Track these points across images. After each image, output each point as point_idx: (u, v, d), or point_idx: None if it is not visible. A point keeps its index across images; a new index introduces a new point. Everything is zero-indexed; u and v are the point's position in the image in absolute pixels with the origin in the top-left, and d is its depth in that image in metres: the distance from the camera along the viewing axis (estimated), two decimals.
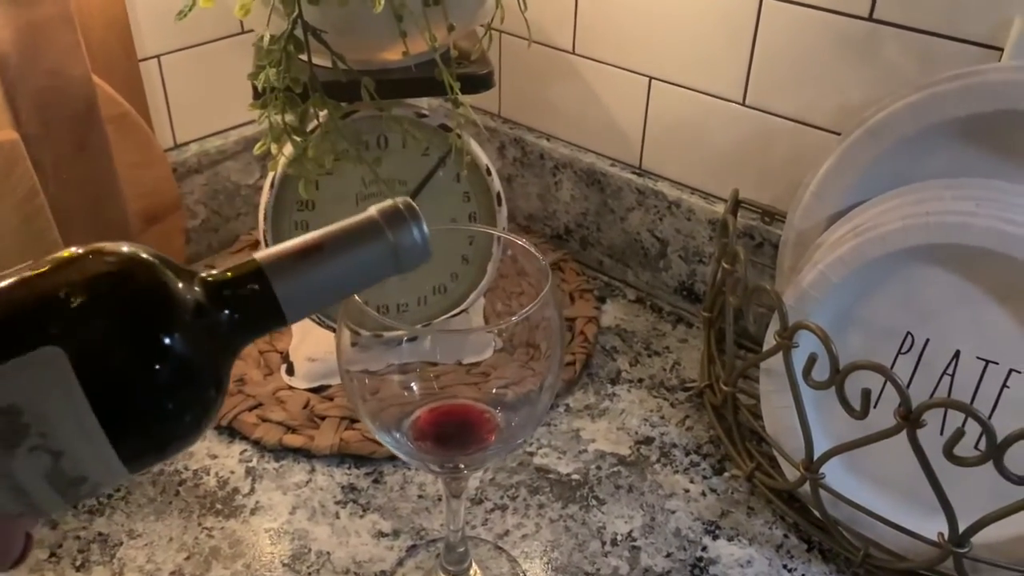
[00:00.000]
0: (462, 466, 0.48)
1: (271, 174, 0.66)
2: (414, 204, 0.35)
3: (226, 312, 0.33)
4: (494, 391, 0.50)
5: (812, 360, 0.56)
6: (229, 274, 0.34)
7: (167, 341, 0.31)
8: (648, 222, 0.82)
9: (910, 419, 0.51)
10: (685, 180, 0.80)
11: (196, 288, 0.33)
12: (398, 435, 0.48)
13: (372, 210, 0.35)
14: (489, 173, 0.69)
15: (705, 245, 0.79)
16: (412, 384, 0.50)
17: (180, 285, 0.33)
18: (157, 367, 0.31)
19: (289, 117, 0.60)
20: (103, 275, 0.31)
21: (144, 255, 0.33)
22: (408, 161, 0.68)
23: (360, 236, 0.35)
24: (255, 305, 0.34)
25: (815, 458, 0.58)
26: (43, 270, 0.31)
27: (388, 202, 0.35)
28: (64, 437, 0.30)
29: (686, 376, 0.75)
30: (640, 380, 0.74)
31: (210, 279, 0.34)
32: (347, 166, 0.66)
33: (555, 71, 0.84)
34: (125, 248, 0.32)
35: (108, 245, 0.32)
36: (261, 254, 0.34)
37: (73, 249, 0.32)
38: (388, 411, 0.49)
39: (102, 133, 0.69)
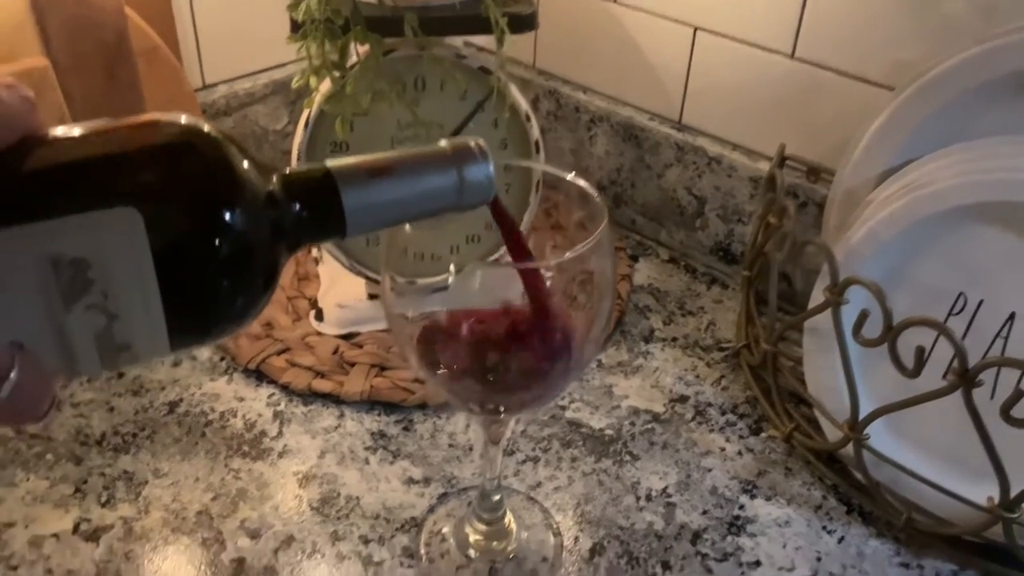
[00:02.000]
0: (502, 408, 0.47)
1: (306, 112, 0.65)
2: (485, 144, 0.36)
3: (294, 208, 0.33)
4: None
5: (863, 316, 0.54)
6: (301, 174, 0.34)
7: (236, 218, 0.31)
8: (686, 179, 0.80)
9: (967, 378, 0.50)
10: (727, 136, 0.77)
11: (270, 178, 0.33)
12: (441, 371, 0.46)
13: (443, 142, 0.36)
14: (528, 119, 0.67)
15: (745, 204, 0.77)
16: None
17: (256, 171, 0.32)
18: (223, 242, 0.30)
19: (329, 50, 0.58)
20: (188, 144, 0.31)
21: (225, 135, 0.32)
22: (445, 104, 0.66)
23: (429, 164, 0.36)
24: (321, 208, 0.34)
25: (860, 418, 0.57)
26: (128, 128, 0.30)
27: (460, 139, 0.36)
28: (124, 301, 0.29)
29: (721, 337, 0.73)
30: (674, 339, 0.73)
31: (283, 173, 0.34)
32: (383, 107, 0.64)
33: (594, 20, 0.82)
34: (207, 125, 0.32)
35: (192, 118, 0.32)
36: (332, 162, 0.34)
37: (157, 115, 0.31)
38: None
39: (132, 66, 0.68)
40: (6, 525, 0.54)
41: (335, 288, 0.74)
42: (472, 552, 0.54)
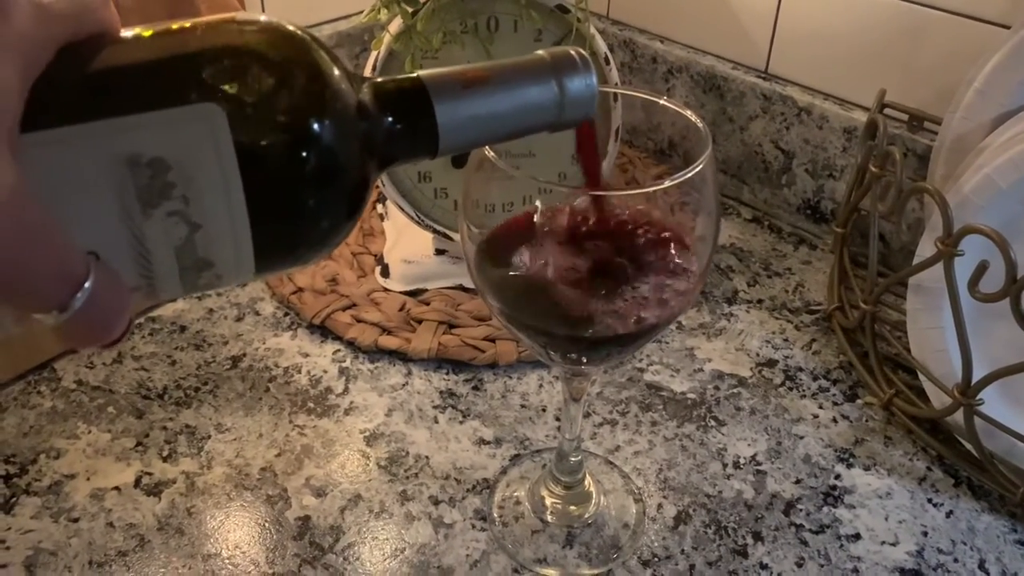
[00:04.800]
0: (584, 359, 0.43)
1: (373, 54, 0.61)
2: (587, 54, 0.33)
3: (385, 120, 0.31)
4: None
5: (982, 268, 0.49)
6: (392, 83, 0.31)
7: (326, 127, 0.28)
8: (772, 132, 0.75)
9: None
10: (818, 85, 0.72)
11: (360, 87, 0.30)
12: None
13: (542, 52, 0.33)
14: (608, 62, 0.63)
15: (837, 157, 0.71)
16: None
17: (346, 79, 0.30)
18: (312, 153, 0.28)
19: None
20: (277, 45, 0.28)
21: (312, 37, 0.30)
22: (519, 46, 0.62)
23: (528, 74, 0.33)
24: (413, 121, 0.31)
25: (972, 383, 0.52)
26: (208, 26, 0.28)
27: (560, 48, 0.33)
28: (207, 208, 0.27)
29: (811, 298, 0.69)
30: (759, 301, 0.68)
31: (374, 82, 0.31)
32: (454, 50, 0.61)
33: None
34: (298, 30, 0.29)
35: (282, 22, 0.29)
36: (425, 73, 0.31)
37: (236, 14, 0.29)
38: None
39: (195, 9, 0.65)
40: (67, 477, 0.52)
41: (401, 244, 0.71)
42: (549, 516, 0.51)
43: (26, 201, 0.23)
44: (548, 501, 0.51)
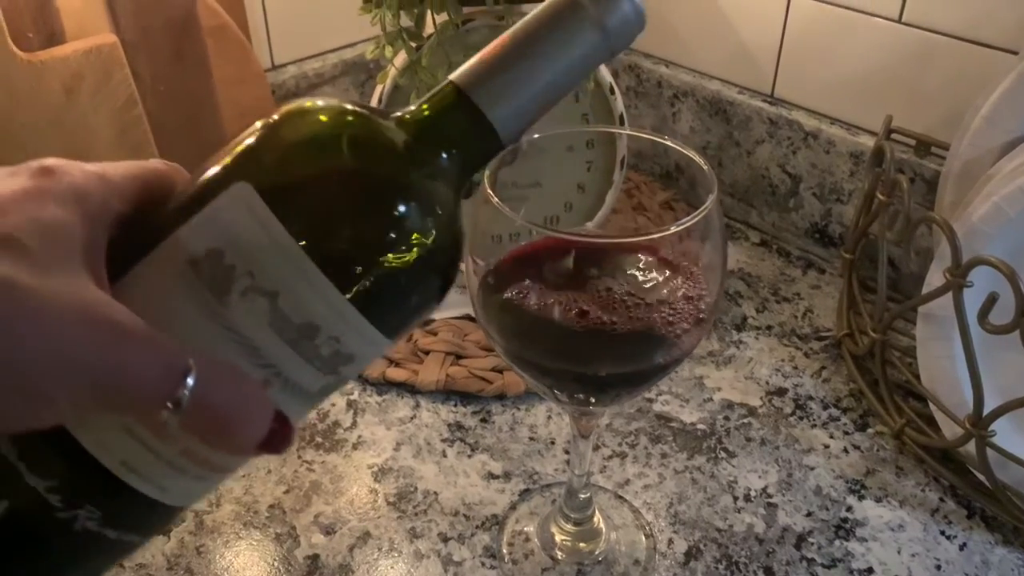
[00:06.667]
0: (592, 400, 0.43)
1: (379, 87, 0.62)
2: None
3: (442, 151, 0.30)
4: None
5: (992, 300, 0.49)
6: (428, 108, 0.30)
7: (365, 192, 0.28)
8: (779, 156, 0.75)
9: None
10: (824, 109, 0.72)
11: (400, 130, 0.29)
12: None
13: None
14: (612, 92, 0.63)
15: (844, 181, 0.71)
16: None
17: (384, 128, 0.29)
18: (362, 212, 0.28)
19: (405, 20, 0.55)
20: (298, 116, 0.29)
21: (349, 105, 0.30)
22: None
23: (557, 20, 0.30)
24: (467, 133, 0.30)
25: (984, 414, 0.51)
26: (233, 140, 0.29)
27: None
28: (271, 272, 0.27)
29: (820, 324, 0.68)
30: (769, 327, 0.68)
31: (411, 118, 0.30)
32: None
33: None
34: (332, 103, 0.30)
35: (315, 100, 0.30)
36: (456, 74, 0.30)
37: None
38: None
39: (201, 43, 0.65)
40: None
41: None
42: (558, 553, 0.51)
43: (109, 309, 0.25)
44: (558, 538, 0.51)
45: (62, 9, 0.58)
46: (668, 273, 0.41)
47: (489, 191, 0.39)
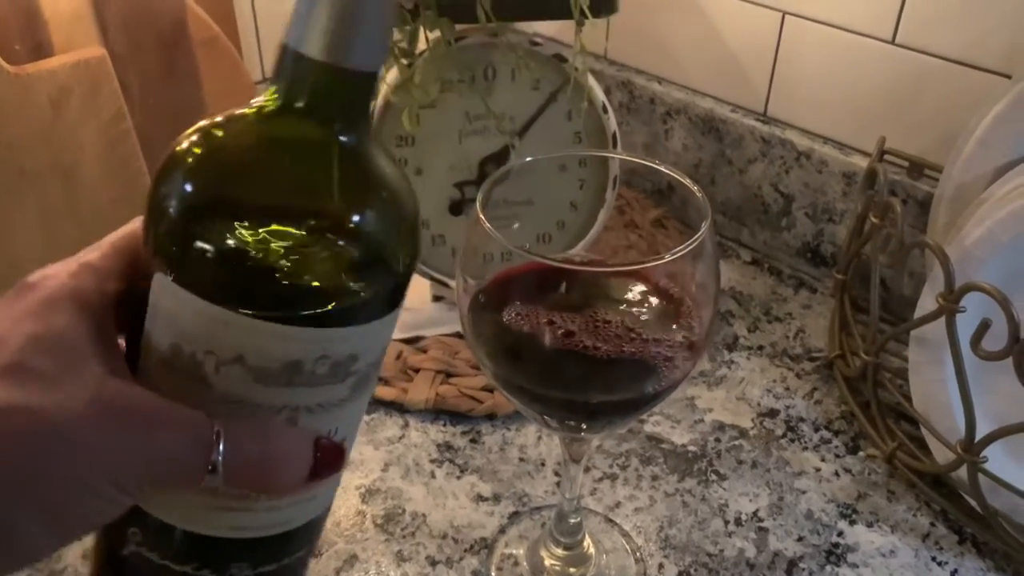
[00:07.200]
0: (583, 426, 0.43)
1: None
2: None
3: (329, 122, 0.28)
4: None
5: (984, 326, 0.49)
6: (277, 90, 0.29)
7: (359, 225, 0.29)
8: (772, 175, 0.74)
9: None
10: (817, 129, 0.72)
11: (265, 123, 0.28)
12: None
13: None
14: (605, 111, 0.63)
15: (836, 201, 0.71)
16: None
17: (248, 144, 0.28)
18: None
19: (397, 37, 0.54)
20: (169, 192, 0.28)
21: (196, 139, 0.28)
22: (516, 95, 0.62)
23: None
24: (337, 91, 0.28)
25: (976, 439, 0.51)
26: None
27: None
28: (223, 342, 0.27)
29: (811, 345, 0.68)
30: (760, 347, 0.68)
31: (271, 109, 0.28)
32: (451, 99, 0.61)
33: (672, 6, 0.77)
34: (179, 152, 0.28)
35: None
36: (285, 37, 0.28)
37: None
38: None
39: (191, 57, 0.65)
40: None
41: None
42: None
43: (130, 399, 0.26)
44: (547, 562, 0.50)
45: (50, 21, 0.57)
46: (660, 299, 0.41)
47: (480, 214, 0.39)
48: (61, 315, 0.27)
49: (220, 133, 0.28)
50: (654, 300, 0.41)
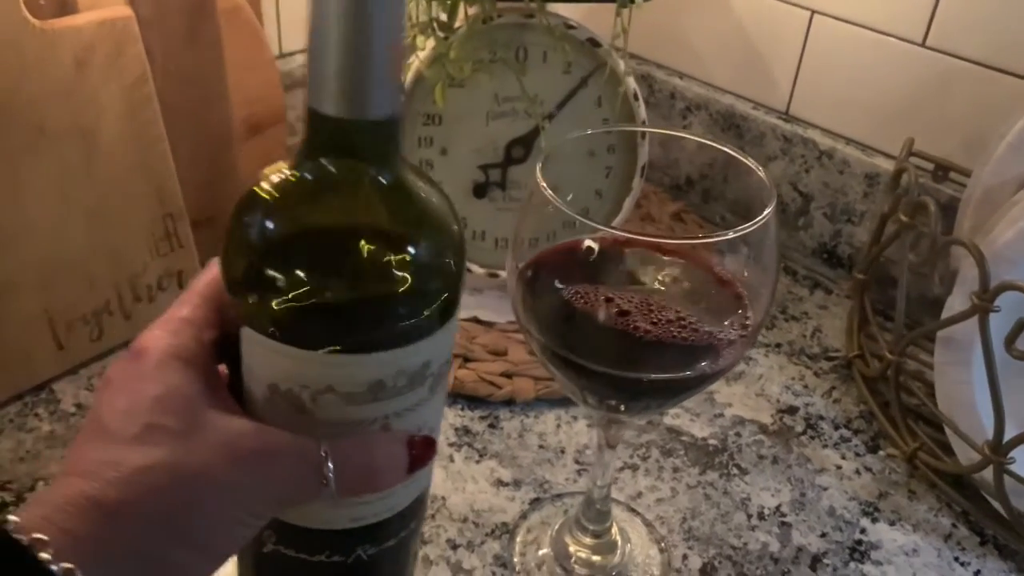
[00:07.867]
0: (622, 407, 0.42)
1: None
2: None
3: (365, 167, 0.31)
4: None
5: (1021, 326, 0.49)
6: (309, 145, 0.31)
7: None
8: (791, 174, 0.74)
9: None
10: (840, 129, 0.72)
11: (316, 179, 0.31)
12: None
13: None
14: (636, 98, 0.62)
15: (857, 202, 0.71)
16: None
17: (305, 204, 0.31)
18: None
19: (437, 10, 0.54)
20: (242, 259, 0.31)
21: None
22: (547, 78, 0.61)
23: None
24: (364, 139, 0.30)
25: (1005, 440, 0.51)
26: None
27: None
28: (313, 377, 0.31)
29: (828, 344, 0.68)
30: (778, 345, 0.67)
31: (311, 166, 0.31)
32: (481, 79, 0.60)
33: (700, 3, 0.77)
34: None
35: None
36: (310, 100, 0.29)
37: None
38: None
39: (215, 25, 0.63)
40: None
41: None
42: (573, 564, 0.49)
43: (249, 440, 0.30)
44: (572, 549, 0.49)
45: None
46: (715, 284, 0.40)
47: (541, 182, 0.38)
48: (174, 374, 0.30)
49: (276, 203, 0.31)
50: (709, 282, 0.40)
